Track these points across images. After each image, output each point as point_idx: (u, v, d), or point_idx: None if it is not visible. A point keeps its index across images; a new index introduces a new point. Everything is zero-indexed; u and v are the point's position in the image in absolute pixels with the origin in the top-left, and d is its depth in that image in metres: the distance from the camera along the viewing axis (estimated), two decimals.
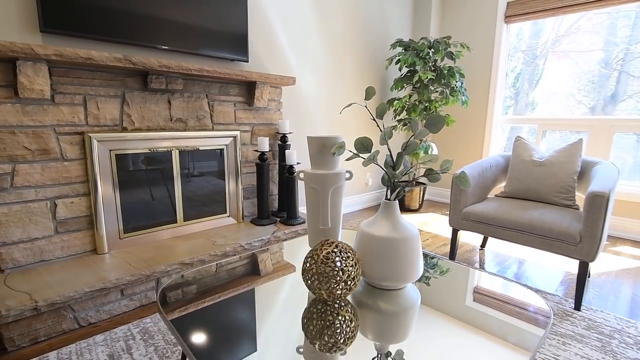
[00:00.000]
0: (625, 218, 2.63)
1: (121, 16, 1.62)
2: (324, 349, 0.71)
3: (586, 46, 2.81)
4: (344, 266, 0.78)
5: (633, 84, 2.64)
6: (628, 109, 2.65)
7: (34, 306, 1.27)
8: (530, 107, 3.19)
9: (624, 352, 1.30)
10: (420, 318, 0.79)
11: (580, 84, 2.90)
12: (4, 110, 1.41)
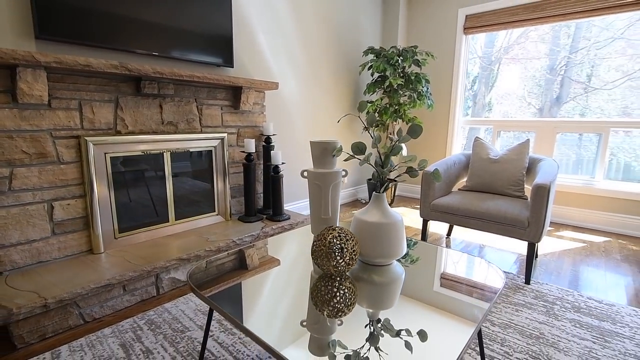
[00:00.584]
0: (566, 207, 3.04)
1: (114, 23, 1.69)
2: (331, 315, 0.88)
3: (534, 53, 3.19)
4: (346, 247, 0.96)
5: (574, 87, 3.05)
6: (570, 110, 3.06)
7: (43, 303, 1.34)
8: (487, 108, 3.56)
9: (563, 314, 1.60)
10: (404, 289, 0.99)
11: (530, 87, 3.29)
12: (2, 115, 1.45)
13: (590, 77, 2.94)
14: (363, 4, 3.47)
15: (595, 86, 2.90)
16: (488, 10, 3.26)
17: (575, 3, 2.81)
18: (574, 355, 1.31)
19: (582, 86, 2.98)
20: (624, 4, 2.62)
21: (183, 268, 1.82)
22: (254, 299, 0.93)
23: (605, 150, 2.88)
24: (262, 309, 0.89)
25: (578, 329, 1.48)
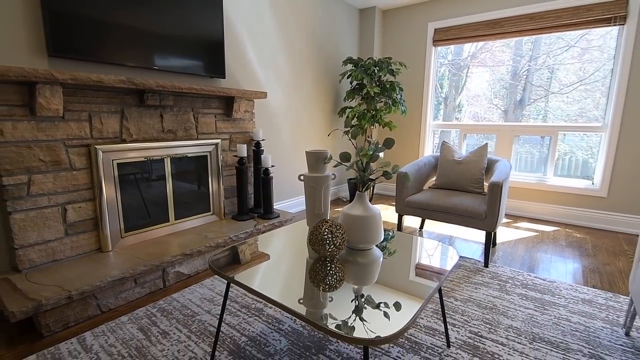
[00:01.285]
0: (523, 201, 3.44)
1: (118, 42, 1.86)
2: (325, 289, 1.12)
3: (500, 58, 3.55)
4: (336, 235, 1.21)
5: (535, 91, 3.43)
6: (532, 112, 3.42)
7: (67, 295, 1.51)
8: (457, 109, 3.91)
9: (513, 290, 1.92)
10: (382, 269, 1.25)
11: (496, 90, 3.65)
12: (21, 128, 1.60)
13: (549, 81, 3.32)
14: (342, 18, 3.74)
15: (554, 90, 3.29)
16: (454, 25, 3.61)
17: (527, 22, 3.20)
18: (518, 320, 1.63)
19: (542, 90, 3.36)
20: (565, 25, 3.03)
21: (186, 263, 2.01)
22: (258, 280, 1.16)
23: (554, 151, 3.29)
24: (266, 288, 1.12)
25: (524, 301, 1.81)
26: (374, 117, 3.53)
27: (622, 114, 2.91)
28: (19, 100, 1.58)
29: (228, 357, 1.35)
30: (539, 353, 1.40)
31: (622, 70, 2.87)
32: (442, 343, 1.45)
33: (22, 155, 1.61)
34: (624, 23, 2.84)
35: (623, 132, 2.92)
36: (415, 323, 1.59)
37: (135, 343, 1.43)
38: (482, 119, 3.76)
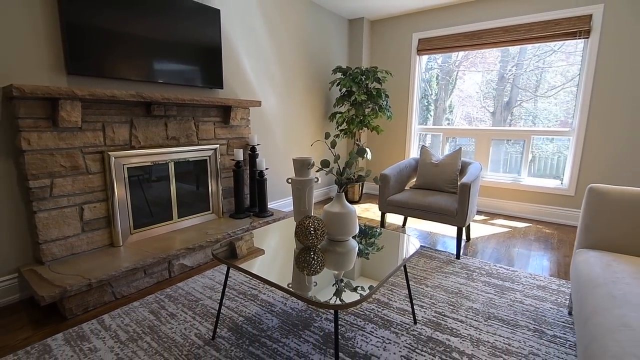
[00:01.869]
0: (500, 200, 3.71)
1: (127, 60, 2.09)
2: (309, 273, 1.37)
3: (488, 63, 3.77)
4: (317, 228, 1.45)
5: (520, 94, 3.66)
6: (522, 113, 3.63)
7: (88, 283, 1.74)
8: (447, 111, 4.13)
9: (478, 278, 2.18)
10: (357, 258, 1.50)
11: (485, 93, 3.88)
12: (45, 138, 1.83)
13: (537, 84, 3.56)
14: (332, 29, 3.99)
15: (537, 94, 3.54)
16: (436, 36, 3.87)
17: (503, 35, 3.47)
18: (478, 303, 1.89)
19: (528, 93, 3.59)
20: (536, 37, 3.30)
21: (189, 256, 2.25)
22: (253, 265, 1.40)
23: (528, 153, 3.56)
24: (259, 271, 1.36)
25: (486, 287, 2.07)
26: (362, 122, 3.78)
27: (587, 119, 3.18)
28: (43, 113, 1.81)
29: (228, 332, 1.60)
30: (491, 328, 1.66)
31: (586, 79, 3.14)
32: (410, 321, 1.71)
33: (46, 162, 1.84)
34: (588, 37, 3.11)
35: (588, 136, 3.20)
36: (389, 304, 1.84)
37: (148, 323, 1.67)
38: (474, 120, 3.99)
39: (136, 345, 1.51)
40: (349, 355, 1.46)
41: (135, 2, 2.09)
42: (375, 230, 1.80)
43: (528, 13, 3.34)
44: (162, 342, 1.53)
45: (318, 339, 1.57)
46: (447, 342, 1.55)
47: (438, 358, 1.44)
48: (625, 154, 3.04)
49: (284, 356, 1.45)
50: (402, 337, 1.58)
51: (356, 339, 1.56)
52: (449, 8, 3.76)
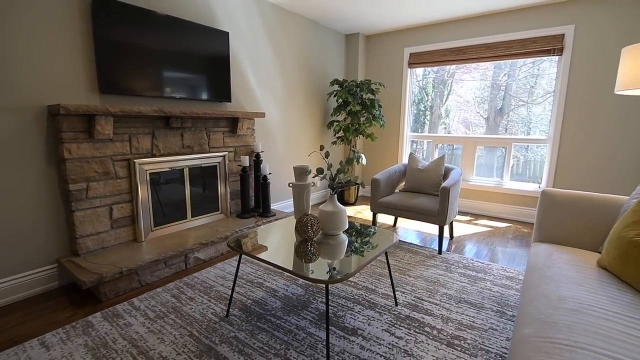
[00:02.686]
0: (484, 202, 4.02)
1: (150, 80, 2.42)
2: (306, 261, 1.68)
3: (482, 70, 4.03)
4: (313, 224, 1.77)
5: (512, 101, 3.94)
6: (512, 119, 3.90)
7: (119, 271, 2.05)
8: (442, 116, 4.40)
9: (455, 270, 2.49)
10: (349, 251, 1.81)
11: (479, 99, 4.13)
12: (82, 148, 2.15)
13: (529, 92, 3.87)
14: (330, 43, 4.32)
15: (528, 101, 3.82)
16: (425, 50, 4.20)
17: (485, 51, 3.79)
18: (452, 290, 2.20)
19: (518, 100, 3.87)
20: (515, 54, 3.62)
21: (202, 250, 2.56)
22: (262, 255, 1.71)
23: (509, 159, 3.87)
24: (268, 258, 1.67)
25: (461, 277, 2.38)
26: (357, 130, 4.10)
27: (561, 129, 3.50)
28: (81, 127, 2.13)
29: (239, 312, 1.91)
30: (460, 309, 1.97)
31: (560, 92, 3.47)
32: (392, 303, 2.02)
33: (83, 168, 2.16)
34: (561, 54, 3.43)
35: (562, 145, 3.51)
36: (375, 291, 2.15)
37: (171, 304, 1.98)
38: (471, 124, 4.23)
39: (163, 321, 1.82)
40: (339, 329, 1.77)
41: (155, 31, 2.42)
42: (362, 226, 2.12)
43: (508, 31, 3.67)
44: (184, 319, 1.84)
45: (314, 316, 1.88)
46: (421, 319, 1.86)
47: (413, 331, 1.75)
48: (594, 161, 3.35)
49: (286, 329, 1.76)
50: (384, 315, 1.89)
51: (346, 317, 1.87)
52: (436, 25, 4.09)
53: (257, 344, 1.65)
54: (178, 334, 1.72)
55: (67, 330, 1.75)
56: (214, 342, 1.66)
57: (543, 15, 3.46)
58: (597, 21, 3.22)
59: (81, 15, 2.14)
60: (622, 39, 3.12)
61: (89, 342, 1.66)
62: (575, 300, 1.21)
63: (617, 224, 1.43)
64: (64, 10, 2.07)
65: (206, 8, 2.84)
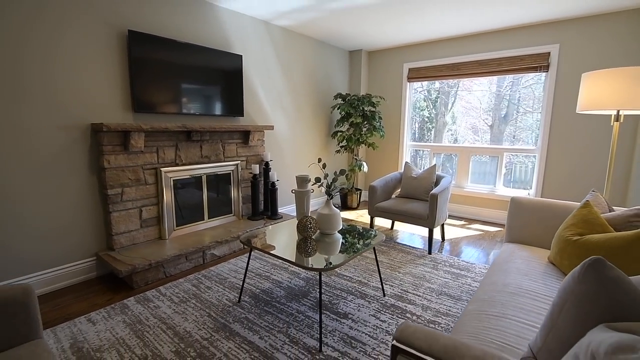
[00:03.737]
0: (478, 207, 4.28)
1: (174, 100, 2.81)
2: (306, 255, 2.01)
3: (486, 81, 4.25)
4: (312, 224, 2.10)
5: (515, 109, 4.19)
6: (520, 126, 4.14)
7: (149, 263, 2.43)
8: (447, 124, 4.65)
9: (442, 268, 2.78)
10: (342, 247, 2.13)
11: (485, 106, 4.36)
12: (119, 159, 2.54)
13: (534, 100, 4.17)
14: (334, 59, 4.68)
15: (533, 109, 4.07)
16: (423, 66, 4.52)
17: (478, 67, 4.09)
18: (435, 284, 2.49)
19: (519, 108, 4.11)
20: (505, 70, 3.91)
21: (218, 247, 2.92)
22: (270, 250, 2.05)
23: (501, 167, 4.14)
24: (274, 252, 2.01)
25: (446, 274, 2.67)
26: (359, 140, 4.43)
27: (548, 140, 3.76)
28: (118, 141, 2.52)
29: (249, 299, 2.25)
30: (439, 300, 2.27)
31: (547, 106, 3.73)
32: (380, 294, 2.33)
33: (119, 176, 2.55)
34: (547, 71, 3.71)
35: (549, 154, 3.77)
36: (367, 284, 2.47)
37: (192, 292, 2.34)
38: (479, 130, 4.45)
39: (186, 305, 2.18)
40: (333, 313, 2.09)
41: (178, 57, 2.81)
42: (354, 227, 2.44)
43: (498, 49, 3.96)
44: (203, 303, 2.20)
45: (312, 303, 2.21)
46: (404, 307, 2.17)
47: (395, 316, 2.07)
48: (576, 170, 3.60)
49: (288, 313, 2.09)
50: (373, 304, 2.21)
51: (339, 304, 2.20)
52: (433, 43, 4.41)
53: (263, 323, 1.99)
54: (198, 314, 2.07)
55: (107, 310, 2.12)
56: (228, 321, 2.00)
57: (530, 35, 3.75)
58: (579, 41, 3.49)
59: (119, 47, 2.55)
60: (602, 57, 3.38)
61: (126, 319, 2.03)
62: (516, 286, 1.51)
63: (561, 226, 1.73)
64: (106, 43, 2.48)
65: (222, 35, 3.23)
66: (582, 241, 1.49)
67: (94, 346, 1.78)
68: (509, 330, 1.19)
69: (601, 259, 0.86)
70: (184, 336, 1.86)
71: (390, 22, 3.64)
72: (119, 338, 1.85)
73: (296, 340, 1.84)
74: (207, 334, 1.88)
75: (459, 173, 4.44)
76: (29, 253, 2.26)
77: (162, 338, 1.85)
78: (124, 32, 2.56)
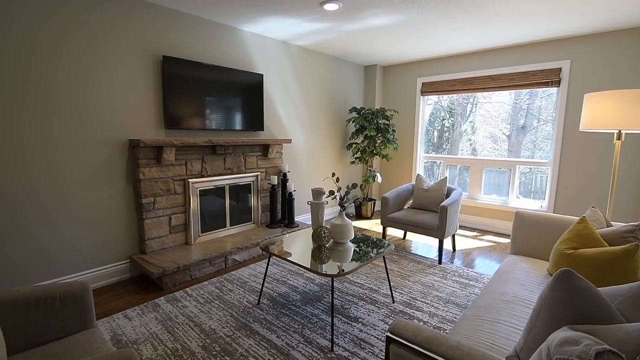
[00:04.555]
0: (491, 218, 4.35)
1: (201, 118, 3.07)
2: (320, 262, 2.19)
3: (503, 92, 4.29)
4: (326, 233, 2.28)
5: (533, 119, 4.27)
6: (531, 137, 4.19)
7: (177, 266, 2.66)
8: (464, 134, 4.72)
9: (450, 278, 2.89)
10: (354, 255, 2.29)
11: (503, 116, 4.44)
12: (152, 171, 2.81)
13: (552, 110, 4.24)
14: (350, 74, 4.89)
15: (549, 118, 4.17)
16: (436, 80, 4.66)
17: (490, 82, 4.20)
18: (443, 293, 2.61)
19: (537, 118, 4.15)
20: (516, 85, 4.01)
21: (238, 253, 3.14)
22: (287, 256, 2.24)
23: (514, 179, 4.21)
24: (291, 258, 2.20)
25: (454, 284, 2.78)
26: (373, 152, 4.60)
27: (560, 154, 3.82)
28: (152, 155, 2.80)
29: (267, 301, 2.45)
30: (446, 308, 2.39)
31: (559, 120, 3.80)
32: (390, 301, 2.47)
33: (152, 186, 2.82)
34: (558, 86, 3.78)
35: (562, 168, 3.82)
36: (377, 291, 2.61)
37: (215, 293, 2.56)
38: (499, 139, 4.50)
39: (210, 305, 2.39)
40: (344, 317, 2.26)
41: (205, 78, 3.08)
42: (365, 236, 2.61)
43: (510, 65, 4.06)
44: (226, 304, 2.41)
45: (325, 307, 2.38)
46: (412, 313, 2.31)
47: None
48: (588, 184, 3.64)
49: (303, 315, 2.27)
50: (382, 309, 2.36)
51: (351, 309, 2.36)
52: (446, 59, 4.55)
53: (280, 324, 2.17)
54: (222, 314, 2.28)
55: (141, 308, 2.36)
56: (248, 321, 2.20)
57: (541, 51, 3.84)
58: (590, 57, 3.56)
59: (154, 71, 2.84)
60: (612, 73, 3.44)
61: (158, 316, 2.25)
62: (513, 295, 1.64)
63: (558, 239, 1.84)
64: (144, 68, 2.77)
65: (245, 55, 3.50)
66: (575, 255, 1.61)
67: (131, 339, 2.01)
68: (499, 333, 1.33)
69: (570, 271, 1.01)
70: (209, 333, 2.07)
71: (403, 41, 3.83)
72: (153, 333, 2.07)
73: (310, 340, 2.01)
74: (230, 331, 2.08)
75: (472, 185, 4.52)
76: (73, 255, 2.54)
77: (190, 334, 2.06)
78: (159, 57, 2.85)
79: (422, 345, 0.87)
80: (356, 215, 4.91)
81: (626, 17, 3.03)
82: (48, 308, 1.36)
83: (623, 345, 0.78)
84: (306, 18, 3.09)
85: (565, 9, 2.85)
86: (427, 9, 2.86)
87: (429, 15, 3.01)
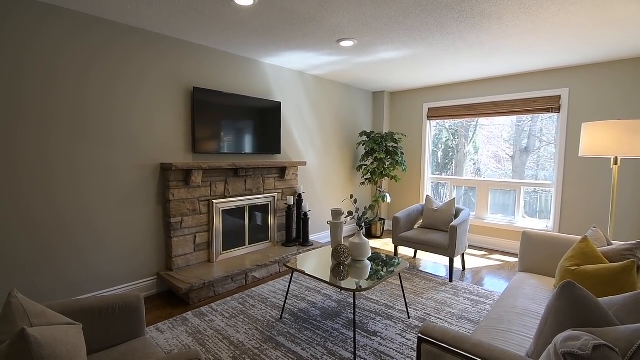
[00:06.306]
0: (498, 238, 4.48)
1: (225, 143, 3.31)
2: (340, 278, 2.35)
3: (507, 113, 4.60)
4: (345, 251, 2.45)
5: (536, 141, 4.46)
6: (534, 157, 4.42)
7: (203, 282, 2.82)
8: (468, 155, 4.93)
9: (462, 295, 3.02)
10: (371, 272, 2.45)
11: (506, 137, 4.63)
12: (181, 192, 3.02)
13: (555, 131, 4.45)
14: (359, 100, 5.17)
15: (552, 139, 4.38)
16: (441, 106, 4.92)
17: (493, 108, 4.44)
18: (457, 309, 2.74)
19: (539, 140, 4.35)
20: (518, 110, 4.24)
21: (258, 270, 3.30)
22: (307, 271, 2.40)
23: (519, 200, 4.37)
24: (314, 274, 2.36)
25: (466, 301, 2.91)
26: (382, 173, 4.81)
27: (563, 176, 4.00)
28: (181, 178, 3.02)
29: (289, 316, 2.59)
30: (459, 323, 2.52)
31: (560, 145, 4.00)
32: (405, 316, 2.60)
33: (180, 207, 3.02)
34: (558, 112, 4.01)
35: (565, 189, 3.99)
36: (393, 307, 2.75)
37: (239, 309, 2.70)
38: (502, 159, 4.67)
39: (236, 319, 2.54)
40: (364, 331, 2.39)
41: (229, 106, 3.34)
42: (382, 255, 2.77)
43: (512, 92, 4.31)
44: (250, 318, 2.55)
45: (344, 322, 2.51)
46: None
47: None
48: (591, 205, 3.80)
49: (324, 329, 2.41)
50: (399, 324, 2.49)
51: (369, 324, 2.49)
52: (451, 86, 4.82)
53: (304, 337, 2.31)
54: (247, 328, 2.42)
55: (171, 322, 2.51)
56: (273, 334, 2.34)
57: (541, 79, 4.10)
58: (586, 86, 3.80)
59: (184, 101, 3.10)
60: (606, 102, 3.67)
61: (187, 330, 2.40)
62: (523, 308, 1.79)
63: (563, 257, 2.00)
64: (174, 98, 3.03)
65: (264, 85, 3.78)
66: (578, 271, 1.77)
67: (166, 350, 2.16)
68: (512, 341, 1.48)
69: (572, 282, 1.18)
70: (238, 345, 2.21)
71: (411, 70, 4.10)
72: (185, 345, 2.22)
73: (333, 352, 2.15)
74: (257, 344, 2.23)
75: (479, 205, 4.69)
76: (106, 271, 2.72)
77: (220, 346, 2.20)
78: (189, 88, 3.12)
79: (450, 343, 1.03)
80: (367, 234, 5.06)
81: (617, 49, 3.28)
82: (109, 317, 1.53)
83: (617, 342, 0.94)
84: (322, 52, 3.38)
85: (560, 44, 3.11)
86: (434, 45, 3.14)
87: (435, 50, 3.28)
